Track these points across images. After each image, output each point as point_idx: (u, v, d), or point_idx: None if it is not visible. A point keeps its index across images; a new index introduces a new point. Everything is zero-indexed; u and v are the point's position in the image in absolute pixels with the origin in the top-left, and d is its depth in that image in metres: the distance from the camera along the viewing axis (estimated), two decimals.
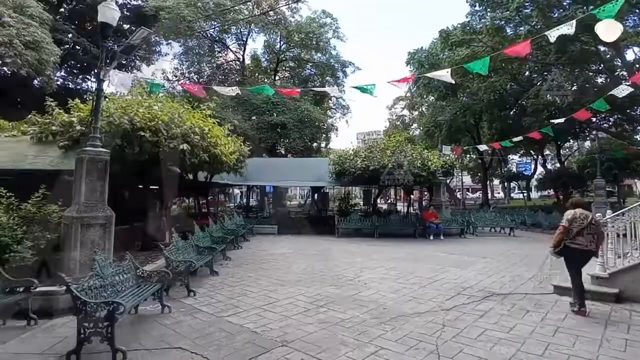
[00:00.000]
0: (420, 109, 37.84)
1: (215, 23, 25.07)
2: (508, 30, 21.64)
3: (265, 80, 29.61)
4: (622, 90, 11.15)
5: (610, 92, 11.49)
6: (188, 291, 6.41)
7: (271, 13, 28.14)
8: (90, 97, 10.42)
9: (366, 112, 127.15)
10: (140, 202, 10.56)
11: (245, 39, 29.41)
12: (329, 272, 8.28)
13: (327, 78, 32.77)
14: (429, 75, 10.98)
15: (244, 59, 30.14)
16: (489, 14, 21.23)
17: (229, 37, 29.05)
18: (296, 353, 4.07)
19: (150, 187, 11.42)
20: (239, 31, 28.54)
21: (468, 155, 33.82)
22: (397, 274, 8.03)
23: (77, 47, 21.75)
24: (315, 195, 23.41)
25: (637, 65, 18.13)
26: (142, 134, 7.98)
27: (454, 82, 10.19)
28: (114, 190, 6.97)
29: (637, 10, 16.11)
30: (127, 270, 5.35)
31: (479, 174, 36.07)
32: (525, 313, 5.38)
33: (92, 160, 6.15)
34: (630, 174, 23.69)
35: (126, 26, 22.82)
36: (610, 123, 24.20)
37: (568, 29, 7.54)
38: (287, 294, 6.43)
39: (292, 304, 5.90)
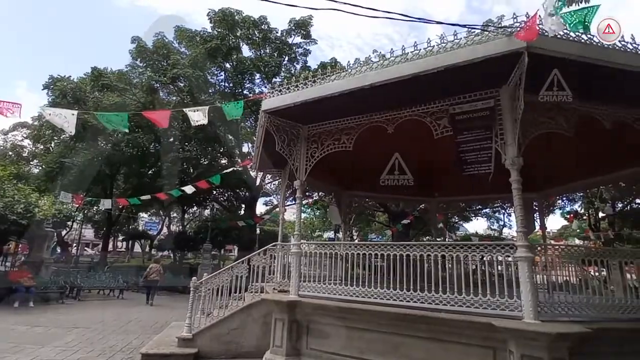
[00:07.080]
0: (49, 145, 31.16)
1: None
2: (162, 94, 22.89)
3: None
4: (234, 171, 14.14)
5: (225, 171, 14.22)
6: None
7: None
8: None
9: None
10: None
11: None
12: None
13: None
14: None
15: None
16: (148, 72, 21.80)
17: None
18: None
19: None
20: None
21: (96, 207, 30.76)
22: None
23: None
24: None
25: (249, 156, 23.56)
26: None
27: (73, 132, 8.39)
28: None
29: (253, 115, 21.21)
30: None
31: (105, 228, 33.24)
32: None
33: None
34: (231, 241, 29.01)
35: None
36: (225, 198, 29.40)
37: (204, 114, 8.72)
38: None
39: None
